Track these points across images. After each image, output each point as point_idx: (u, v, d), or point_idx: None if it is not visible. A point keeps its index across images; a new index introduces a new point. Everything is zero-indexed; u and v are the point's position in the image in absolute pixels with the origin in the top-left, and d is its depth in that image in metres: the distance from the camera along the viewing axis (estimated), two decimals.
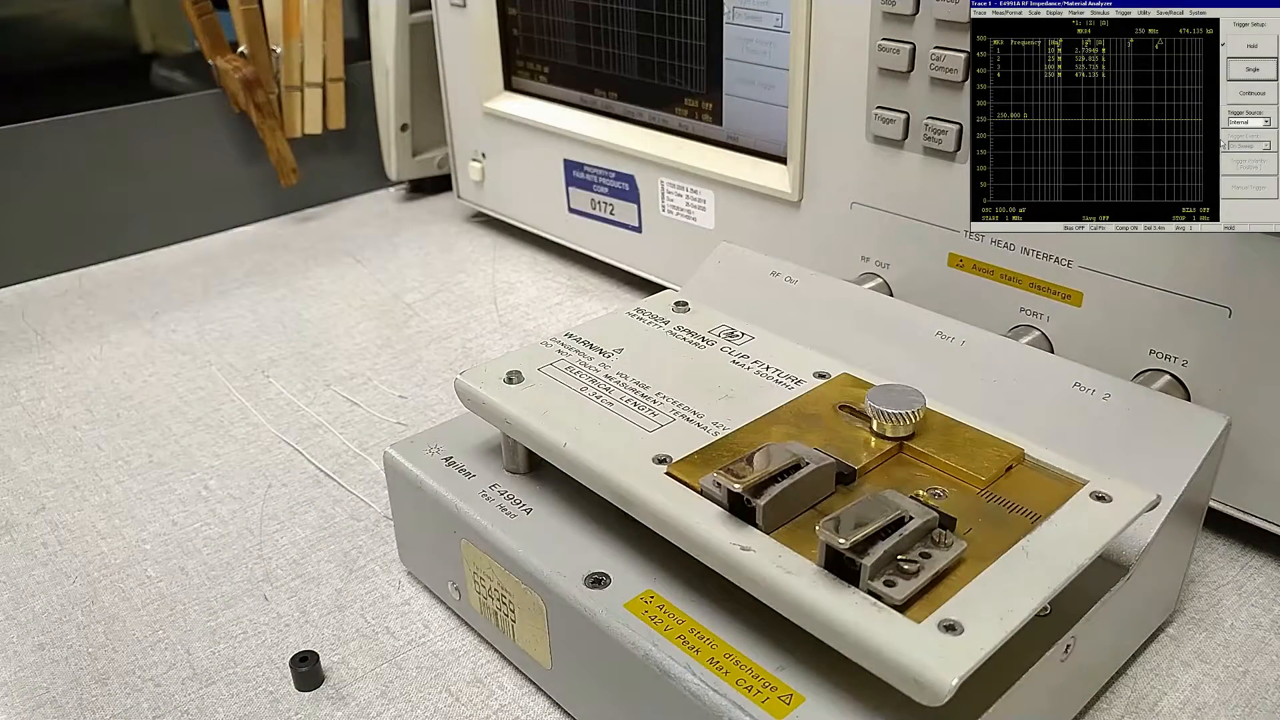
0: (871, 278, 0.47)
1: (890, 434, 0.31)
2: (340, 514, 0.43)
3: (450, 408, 0.50)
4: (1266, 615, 0.37)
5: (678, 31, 0.53)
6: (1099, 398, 0.34)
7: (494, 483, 0.35)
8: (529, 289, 0.64)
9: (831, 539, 0.25)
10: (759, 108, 0.50)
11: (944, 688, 0.23)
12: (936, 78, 0.41)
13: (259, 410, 0.51)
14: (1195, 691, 0.34)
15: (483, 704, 0.34)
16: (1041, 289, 0.41)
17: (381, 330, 0.59)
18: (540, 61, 0.62)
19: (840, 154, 0.46)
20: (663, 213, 0.57)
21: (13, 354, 0.58)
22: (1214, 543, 0.40)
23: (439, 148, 0.76)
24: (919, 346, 0.38)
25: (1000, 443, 0.31)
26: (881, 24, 0.42)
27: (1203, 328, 0.37)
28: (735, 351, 0.37)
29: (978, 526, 0.27)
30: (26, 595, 0.39)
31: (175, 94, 0.73)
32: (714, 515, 0.28)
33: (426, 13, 0.69)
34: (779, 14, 0.47)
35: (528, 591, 0.32)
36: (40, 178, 0.66)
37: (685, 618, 0.29)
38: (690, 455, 0.31)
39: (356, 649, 0.36)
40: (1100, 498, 0.29)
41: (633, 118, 0.58)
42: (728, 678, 0.27)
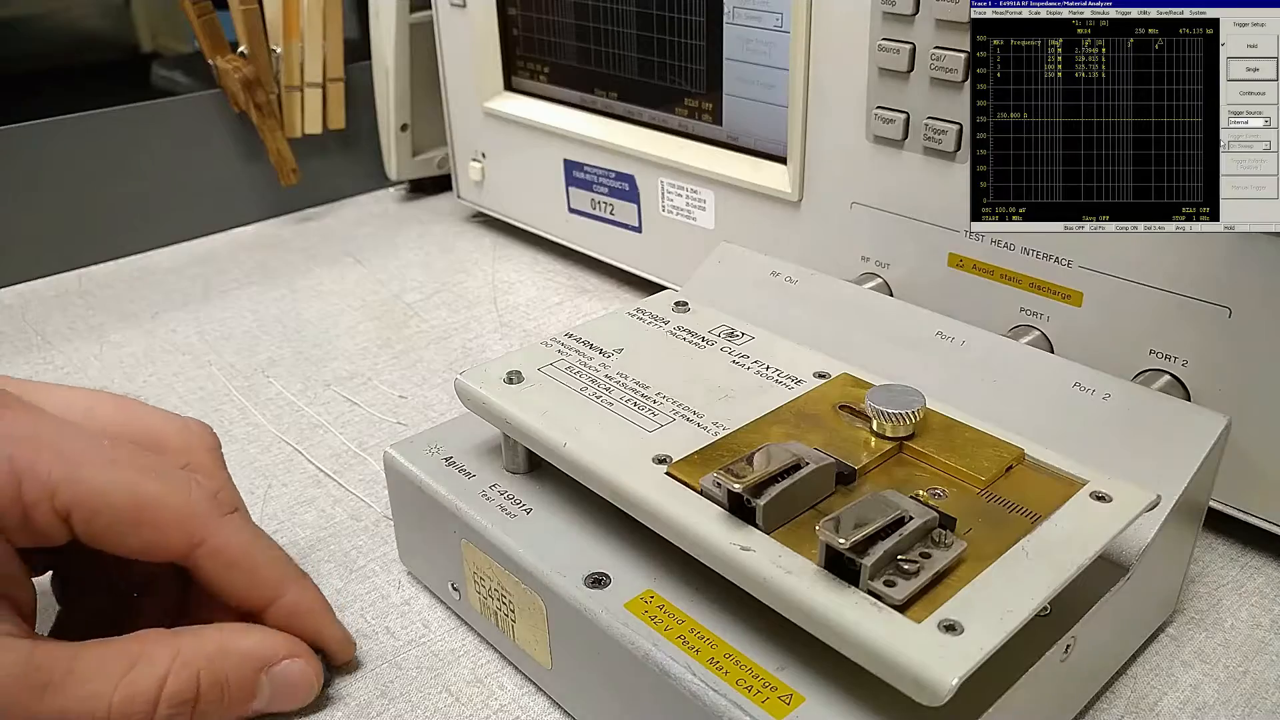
0: (871, 277, 0.47)
1: (890, 434, 0.31)
2: (340, 514, 0.43)
3: (450, 408, 0.50)
4: (1267, 615, 0.37)
5: (678, 31, 0.53)
6: (1099, 398, 0.34)
7: (494, 483, 0.35)
8: (529, 289, 0.64)
9: (831, 539, 0.25)
10: (759, 108, 0.50)
11: (944, 688, 0.23)
12: (936, 78, 0.41)
13: (259, 410, 0.51)
14: (1195, 691, 0.34)
15: (483, 704, 0.34)
16: (1042, 289, 0.41)
17: (381, 330, 0.59)
18: (540, 61, 0.62)
19: (840, 154, 0.46)
20: (663, 213, 0.57)
21: (13, 354, 0.58)
22: (1214, 542, 0.40)
23: (439, 148, 0.76)
24: (919, 346, 0.38)
25: (1000, 443, 0.31)
26: (881, 24, 0.42)
27: (1203, 328, 0.37)
28: (735, 351, 0.37)
29: (978, 526, 0.27)
30: None
31: (175, 94, 0.73)
32: (714, 515, 0.28)
33: (426, 13, 0.69)
34: (779, 14, 0.47)
35: (528, 591, 0.32)
36: (40, 178, 0.66)
37: (685, 618, 0.29)
38: (690, 455, 0.31)
39: (356, 649, 0.36)
40: (1100, 498, 0.29)
41: (633, 118, 0.58)
42: (728, 678, 0.27)
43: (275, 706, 0.32)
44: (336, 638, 0.34)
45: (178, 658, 0.29)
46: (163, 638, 0.30)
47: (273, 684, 0.31)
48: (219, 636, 0.31)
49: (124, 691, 0.28)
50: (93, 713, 0.28)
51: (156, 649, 0.29)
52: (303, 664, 0.32)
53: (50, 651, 0.28)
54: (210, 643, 0.30)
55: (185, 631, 0.30)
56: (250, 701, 0.31)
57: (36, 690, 0.27)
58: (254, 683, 0.31)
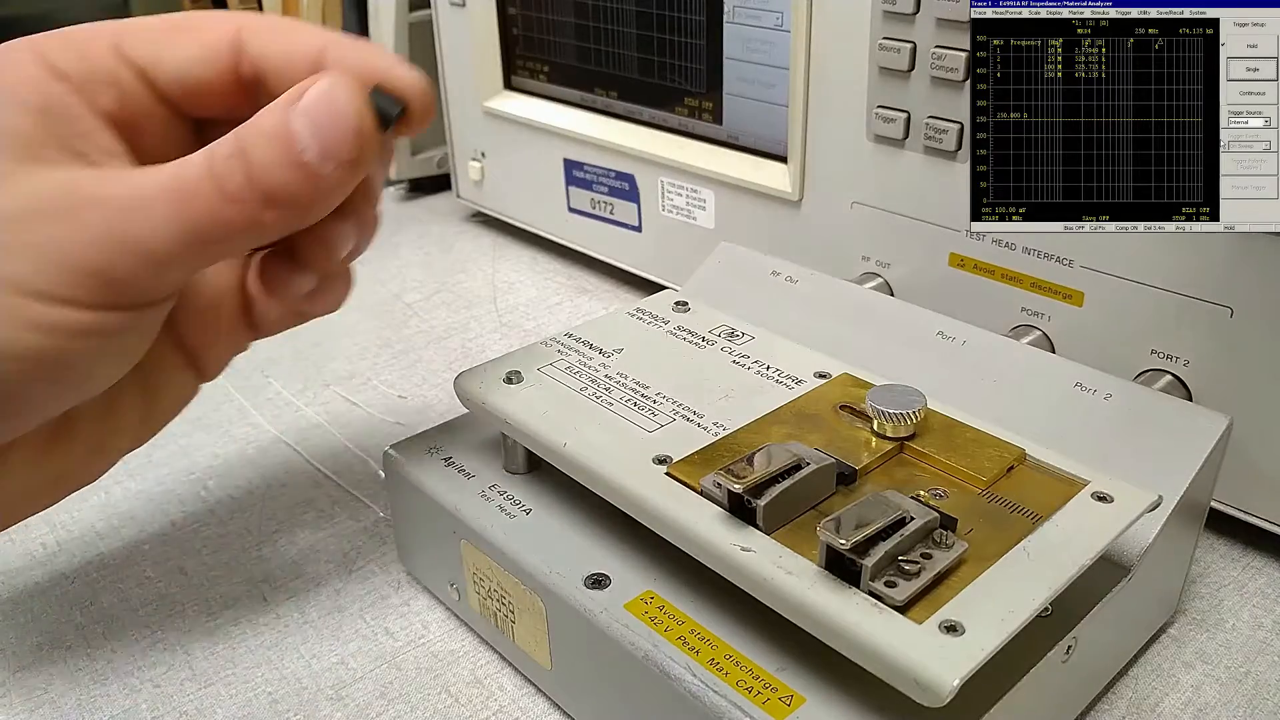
0: (872, 277, 0.47)
1: (891, 434, 0.31)
2: (339, 514, 0.43)
3: (450, 408, 0.50)
4: (1268, 616, 0.37)
5: (678, 30, 0.53)
6: (1100, 398, 0.34)
7: (494, 483, 0.35)
8: (529, 289, 0.64)
9: (832, 539, 0.25)
10: (759, 107, 0.50)
11: (945, 689, 0.23)
12: (937, 77, 0.41)
13: (258, 410, 0.51)
14: (1197, 692, 0.34)
15: (482, 705, 0.34)
16: (1043, 289, 0.41)
17: (381, 330, 0.59)
18: (540, 60, 0.62)
19: (841, 153, 0.46)
20: (663, 212, 0.57)
21: None
22: (1215, 543, 0.40)
23: (438, 147, 0.76)
24: (920, 346, 0.38)
25: (1001, 443, 0.31)
26: (882, 23, 0.42)
27: (1204, 328, 0.37)
28: (735, 351, 0.37)
29: (979, 527, 0.27)
30: (25, 596, 0.39)
31: None
32: (714, 516, 0.28)
33: (426, 12, 0.69)
34: (779, 13, 0.47)
35: (527, 592, 0.32)
36: None
37: (685, 618, 0.29)
38: (690, 455, 0.31)
39: (355, 650, 0.36)
40: (1102, 498, 0.28)
41: (633, 117, 0.58)
42: (728, 679, 0.27)
43: (322, 144, 0.27)
44: (401, 72, 0.30)
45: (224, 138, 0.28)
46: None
47: (301, 114, 0.27)
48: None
49: (184, 164, 0.27)
50: (165, 175, 0.27)
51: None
52: (326, 83, 0.28)
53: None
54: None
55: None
56: (292, 147, 0.27)
57: (116, 179, 0.27)
58: (285, 121, 0.27)
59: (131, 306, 0.28)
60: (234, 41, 0.31)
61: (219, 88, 0.31)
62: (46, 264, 0.26)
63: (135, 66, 0.30)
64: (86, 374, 0.29)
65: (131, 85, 0.30)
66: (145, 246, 0.27)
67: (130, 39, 0.30)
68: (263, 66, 0.31)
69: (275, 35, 0.31)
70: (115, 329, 0.28)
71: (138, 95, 0.30)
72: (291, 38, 0.31)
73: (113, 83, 0.30)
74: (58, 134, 0.28)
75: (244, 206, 0.27)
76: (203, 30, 0.31)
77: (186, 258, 0.28)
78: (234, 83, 0.31)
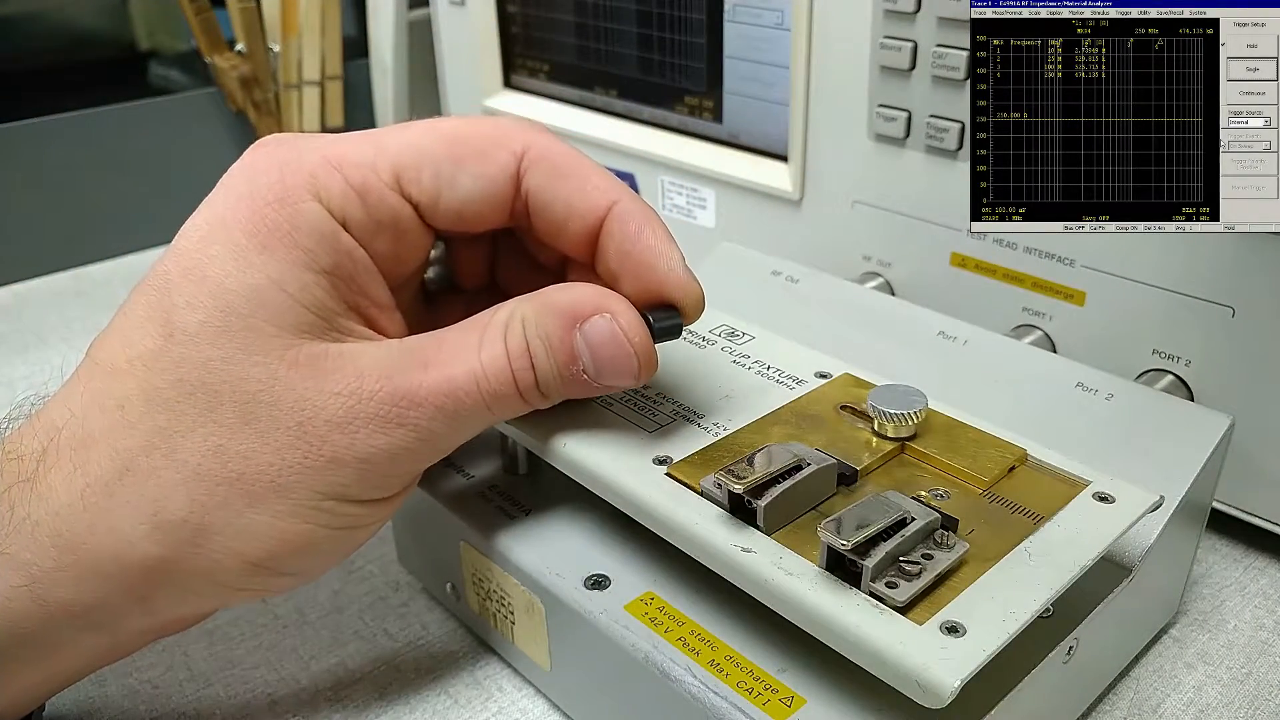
0: (873, 277, 0.47)
1: (892, 434, 0.31)
2: None
3: None
4: (1270, 616, 0.37)
5: (678, 29, 0.53)
6: (1102, 398, 0.34)
7: (493, 483, 0.35)
8: None
9: (833, 540, 0.25)
10: (760, 106, 0.50)
11: (946, 690, 0.23)
12: (938, 76, 0.41)
13: None
14: (1198, 693, 0.34)
15: (481, 706, 0.34)
16: (1044, 288, 0.41)
17: None
18: (540, 59, 0.62)
19: (841, 152, 0.46)
20: (663, 211, 0.57)
21: (10, 354, 0.57)
22: (1217, 544, 0.40)
23: None
24: (921, 346, 0.38)
25: (1003, 443, 0.31)
26: (883, 21, 0.42)
27: (1206, 328, 0.37)
28: (736, 351, 0.37)
29: (980, 527, 0.27)
30: None
31: (173, 92, 0.73)
32: (714, 516, 0.28)
33: (425, 10, 0.69)
34: (780, 11, 0.47)
35: (527, 593, 0.32)
36: (36, 176, 0.66)
37: (685, 620, 0.29)
38: (690, 456, 0.31)
39: (354, 650, 0.36)
40: (1103, 498, 0.28)
41: (633, 115, 0.57)
42: (728, 680, 0.27)
43: (602, 375, 0.29)
44: (678, 280, 0.30)
45: (513, 315, 0.28)
46: (501, 306, 0.29)
47: (586, 342, 0.29)
48: (542, 295, 0.29)
49: (487, 351, 0.28)
50: (471, 371, 0.28)
51: (497, 314, 0.29)
52: (608, 320, 0.28)
53: (418, 339, 0.28)
54: (536, 300, 0.29)
55: (517, 299, 0.29)
56: (573, 364, 0.29)
57: (420, 367, 0.27)
58: (570, 341, 0.28)
59: (410, 487, 0.29)
60: (515, 175, 0.30)
61: (489, 218, 0.30)
62: (370, 473, 0.27)
63: (415, 201, 0.29)
64: (335, 553, 0.29)
65: (409, 224, 0.29)
66: (451, 442, 0.28)
67: (412, 171, 0.29)
68: (537, 206, 0.30)
69: (558, 180, 0.30)
70: (393, 512, 0.29)
71: (411, 232, 0.29)
72: (578, 187, 0.30)
73: (392, 224, 0.29)
74: (348, 299, 0.28)
75: (529, 401, 0.29)
76: (484, 159, 0.29)
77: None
78: (504, 211, 0.30)
